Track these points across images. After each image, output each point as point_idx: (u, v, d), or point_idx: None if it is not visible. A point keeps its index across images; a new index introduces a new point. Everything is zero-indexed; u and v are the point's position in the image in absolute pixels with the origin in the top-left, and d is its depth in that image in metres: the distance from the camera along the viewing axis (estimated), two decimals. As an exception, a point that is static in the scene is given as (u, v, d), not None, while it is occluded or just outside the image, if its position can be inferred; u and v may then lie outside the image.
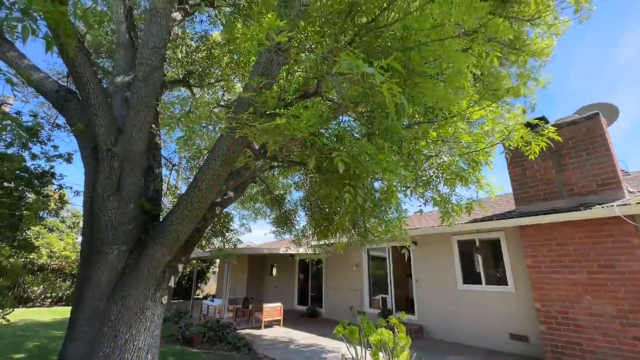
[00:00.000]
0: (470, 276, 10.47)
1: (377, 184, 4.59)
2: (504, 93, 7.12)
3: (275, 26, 2.48)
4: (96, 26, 10.08)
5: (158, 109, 7.58)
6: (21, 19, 1.74)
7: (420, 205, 5.90)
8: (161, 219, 5.75)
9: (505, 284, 9.48)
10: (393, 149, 3.77)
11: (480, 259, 10.36)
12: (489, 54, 2.45)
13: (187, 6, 8.65)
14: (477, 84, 6.30)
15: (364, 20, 3.32)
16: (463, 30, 2.29)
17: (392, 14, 3.41)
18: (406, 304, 13.24)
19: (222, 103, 12.81)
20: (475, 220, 9.90)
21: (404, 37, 3.00)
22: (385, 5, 2.98)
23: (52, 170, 6.60)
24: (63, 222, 20.37)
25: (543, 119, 8.76)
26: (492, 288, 9.74)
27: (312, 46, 4.03)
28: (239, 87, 12.05)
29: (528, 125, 6.91)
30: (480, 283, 10.11)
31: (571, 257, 7.77)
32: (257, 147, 5.32)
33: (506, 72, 8.44)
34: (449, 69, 2.52)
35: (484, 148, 4.99)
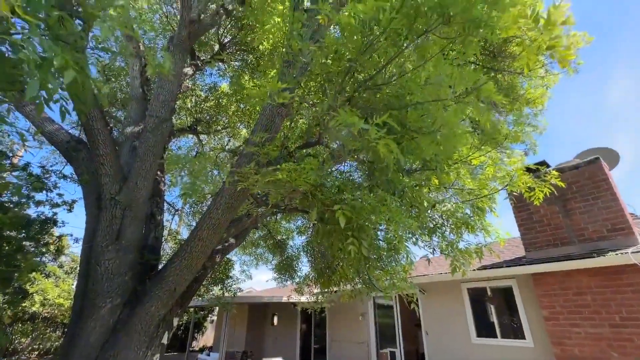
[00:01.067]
0: (484, 327, 9.80)
1: (381, 232, 4.50)
2: (502, 139, 7.26)
3: (276, 88, 2.60)
4: (113, 79, 10.76)
5: (164, 156, 7.78)
6: (37, 97, 1.85)
7: (427, 253, 5.71)
8: (160, 268, 5.59)
9: (523, 337, 8.82)
10: (395, 199, 3.75)
11: (493, 309, 9.77)
12: (484, 114, 2.54)
13: (198, 62, 9.29)
14: (476, 132, 6.45)
15: (363, 76, 3.48)
16: (456, 93, 2.39)
17: (390, 70, 3.60)
18: (416, 358, 12.26)
19: (227, 148, 13.18)
20: (484, 267, 9.52)
21: (400, 95, 3.13)
22: (381, 65, 3.15)
23: (54, 217, 6.61)
24: (61, 267, 19.94)
25: (544, 163, 8.82)
26: (509, 342, 9.05)
27: (314, 101, 4.21)
28: (244, 133, 12.46)
29: (529, 170, 6.92)
30: (495, 336, 9.42)
31: (590, 308, 7.31)
32: (259, 195, 5.33)
33: (503, 119, 8.70)
34: (444, 127, 2.58)
35: (487, 195, 4.95)
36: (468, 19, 2.54)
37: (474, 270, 9.50)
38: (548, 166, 9.01)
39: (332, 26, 4.13)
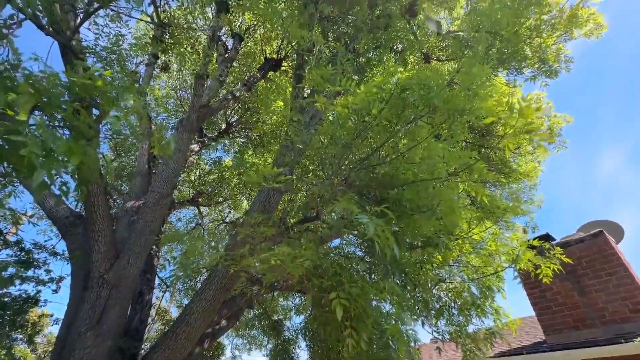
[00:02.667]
0: None
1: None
2: (501, 214, 7.25)
3: (272, 172, 2.69)
4: (123, 154, 11.29)
5: (163, 229, 7.71)
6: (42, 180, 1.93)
7: (436, 338, 5.21)
8: (141, 357, 5.04)
9: None
10: (396, 282, 3.57)
11: (520, 407, 8.46)
12: (478, 192, 2.58)
13: (205, 139, 9.89)
14: (474, 205, 6.48)
15: (359, 156, 3.62)
16: (449, 171, 2.46)
17: (385, 150, 3.77)
18: None
19: (227, 220, 13.13)
20: (502, 354, 8.56)
21: (395, 175, 3.21)
22: (375, 146, 3.30)
23: (37, 296, 6.23)
24: (34, 351, 18.05)
25: (547, 236, 8.64)
26: None
27: (312, 181, 4.32)
28: (245, 204, 12.57)
29: (532, 247, 6.74)
30: None
31: (631, 407, 6.32)
32: (255, 273, 5.10)
33: (499, 192, 8.83)
34: (442, 203, 2.59)
35: (494, 273, 4.72)
36: (451, 109, 2.75)
37: (489, 358, 8.52)
38: (552, 239, 8.81)
39: (329, 111, 4.48)
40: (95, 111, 3.54)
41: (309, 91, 4.55)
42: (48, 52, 3.40)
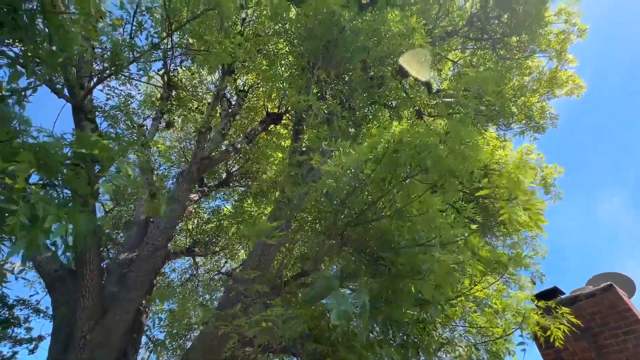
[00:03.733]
0: None
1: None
2: (504, 267, 7.05)
3: (268, 228, 2.69)
4: (122, 203, 11.30)
5: (155, 281, 7.43)
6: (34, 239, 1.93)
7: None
8: None
9: None
10: (397, 340, 3.35)
11: None
12: (473, 267, 2.55)
13: (205, 188, 10.00)
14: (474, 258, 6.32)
15: (354, 212, 3.63)
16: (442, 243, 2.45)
17: (380, 205, 3.78)
18: None
19: (223, 271, 12.71)
20: None
21: (391, 232, 3.19)
22: (369, 202, 3.33)
23: (13, 358, 5.80)
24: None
25: (555, 290, 8.28)
26: None
27: (308, 234, 4.29)
28: (242, 254, 12.26)
29: (539, 306, 6.43)
30: None
31: None
32: (246, 333, 4.81)
33: (502, 243, 8.67)
34: (438, 268, 2.54)
35: (503, 336, 4.44)
36: (443, 169, 2.83)
37: None
38: (560, 293, 8.43)
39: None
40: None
41: (306, 146, 4.72)
42: (59, 112, 3.61)
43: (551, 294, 8.08)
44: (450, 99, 5.60)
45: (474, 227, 2.46)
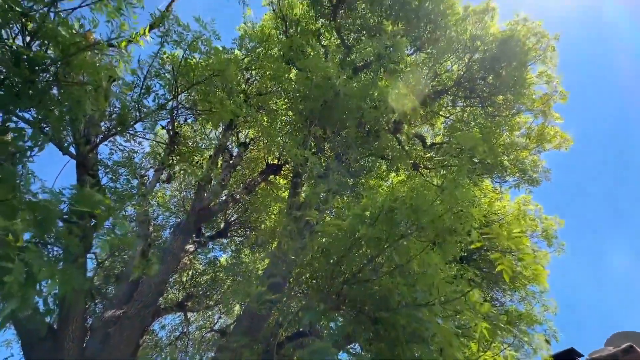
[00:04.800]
0: None
1: None
2: (514, 322, 6.66)
3: (260, 289, 2.59)
4: (116, 254, 11.02)
5: (140, 342, 6.93)
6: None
7: None
8: None
9: None
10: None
11: None
12: (478, 323, 2.42)
13: (202, 239, 9.81)
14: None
15: (351, 271, 3.52)
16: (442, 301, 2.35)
17: (377, 262, 3.68)
18: None
19: (216, 327, 11.92)
20: None
21: (390, 291, 3.07)
22: (366, 260, 3.25)
23: None
24: None
25: (572, 352, 7.70)
26: None
27: (305, 290, 4.12)
28: (237, 309, 11.62)
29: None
30: None
31: None
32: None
33: (509, 299, 8.27)
34: (439, 333, 2.39)
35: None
36: (440, 228, 2.81)
37: None
38: (577, 355, 7.82)
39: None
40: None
41: (304, 199, 4.74)
42: (62, 168, 3.70)
43: (568, 356, 7.49)
44: (443, 157, 5.79)
45: (476, 290, 2.37)
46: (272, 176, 9.28)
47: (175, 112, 4.52)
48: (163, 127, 5.94)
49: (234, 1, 6.20)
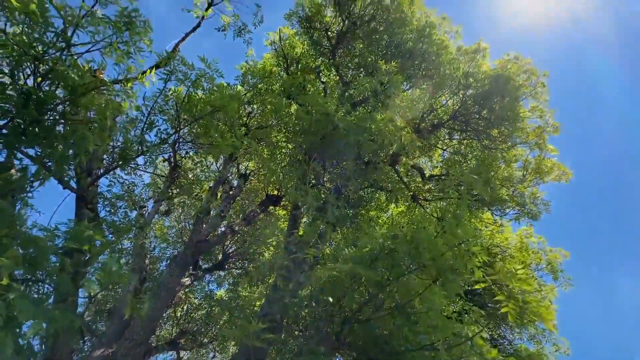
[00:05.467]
0: None
1: None
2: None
3: (256, 329, 2.49)
4: (111, 286, 10.70)
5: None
6: None
7: None
8: None
9: None
10: None
11: None
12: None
13: (199, 271, 9.56)
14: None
15: (351, 311, 3.40)
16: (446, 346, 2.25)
17: (377, 300, 3.56)
18: None
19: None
20: None
21: (393, 332, 2.95)
22: (365, 300, 3.15)
23: None
24: None
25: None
26: None
27: (303, 331, 3.96)
28: (233, 348, 11.06)
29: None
30: None
31: None
32: None
33: (519, 336, 7.91)
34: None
35: None
36: (442, 266, 2.76)
37: None
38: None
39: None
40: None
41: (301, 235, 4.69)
42: (61, 202, 3.70)
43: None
44: (442, 190, 5.82)
45: (482, 334, 2.27)
46: (271, 207, 9.24)
47: (177, 145, 4.60)
48: (165, 160, 6.01)
49: (239, 41, 6.53)
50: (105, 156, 4.15)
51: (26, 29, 2.29)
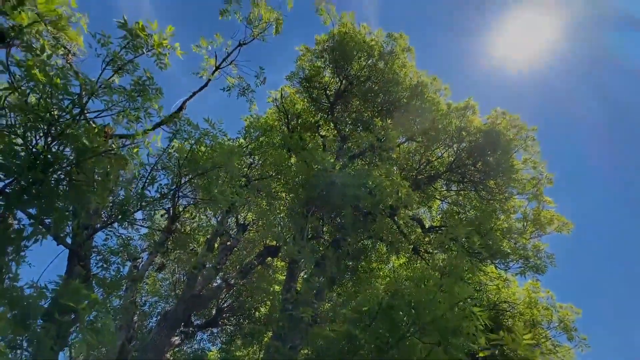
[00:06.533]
0: None
1: None
2: None
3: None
4: (100, 337, 9.97)
5: None
6: None
7: None
8: None
9: None
10: None
11: None
12: None
13: (191, 328, 8.99)
14: None
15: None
16: None
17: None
18: None
19: None
20: None
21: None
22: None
23: None
24: None
25: None
26: None
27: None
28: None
29: None
30: None
31: None
32: None
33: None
34: None
35: None
36: (441, 328, 2.62)
37: None
38: None
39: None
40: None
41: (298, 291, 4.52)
42: (54, 258, 3.64)
43: None
44: (442, 242, 5.75)
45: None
46: (269, 258, 8.99)
47: (177, 199, 4.64)
48: (165, 213, 6.01)
49: (242, 99, 6.99)
50: (103, 212, 4.18)
51: (46, 98, 2.46)
